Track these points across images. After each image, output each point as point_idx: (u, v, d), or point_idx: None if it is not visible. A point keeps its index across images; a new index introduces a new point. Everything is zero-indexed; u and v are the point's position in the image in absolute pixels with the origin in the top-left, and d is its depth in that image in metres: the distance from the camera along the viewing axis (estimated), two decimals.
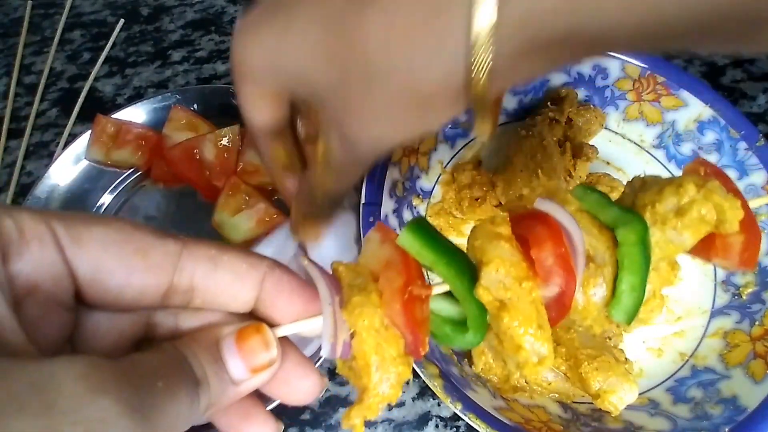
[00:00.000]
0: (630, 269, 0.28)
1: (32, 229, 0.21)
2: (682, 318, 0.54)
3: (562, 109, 0.58)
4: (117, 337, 0.25)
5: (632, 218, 0.29)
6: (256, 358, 0.24)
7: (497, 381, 0.49)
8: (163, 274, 0.24)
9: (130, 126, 0.62)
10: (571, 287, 0.28)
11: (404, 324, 0.25)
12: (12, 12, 0.79)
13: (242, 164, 0.60)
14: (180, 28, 0.77)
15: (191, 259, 0.24)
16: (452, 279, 0.27)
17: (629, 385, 0.44)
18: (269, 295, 0.25)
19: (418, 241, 0.27)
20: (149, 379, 0.20)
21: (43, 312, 0.22)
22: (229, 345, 0.24)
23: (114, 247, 0.23)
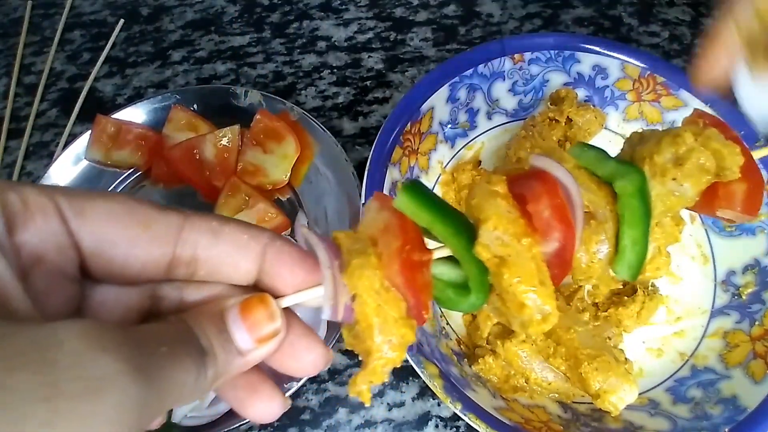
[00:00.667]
0: (630, 222, 0.28)
1: (36, 202, 0.22)
2: (682, 318, 0.54)
3: (562, 109, 0.58)
4: (124, 310, 0.25)
5: (629, 169, 0.29)
6: (261, 328, 0.24)
7: (497, 381, 0.49)
8: (166, 245, 0.24)
9: (130, 126, 0.62)
10: (571, 241, 0.28)
11: (404, 284, 0.25)
12: (12, 12, 0.79)
13: (242, 164, 0.60)
14: (180, 28, 0.77)
15: (193, 231, 0.24)
16: (450, 238, 0.27)
17: (629, 385, 0.44)
18: (271, 266, 0.26)
19: (414, 201, 0.26)
20: (153, 343, 0.20)
21: (49, 283, 0.22)
22: (233, 316, 0.24)
23: (117, 219, 0.23)
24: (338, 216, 0.57)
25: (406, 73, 0.72)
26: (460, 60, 0.58)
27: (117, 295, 0.25)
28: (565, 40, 0.59)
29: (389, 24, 0.77)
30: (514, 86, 0.61)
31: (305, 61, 0.73)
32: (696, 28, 0.77)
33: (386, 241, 0.26)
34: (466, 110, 0.60)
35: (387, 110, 0.69)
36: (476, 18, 0.78)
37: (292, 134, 0.60)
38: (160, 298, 0.26)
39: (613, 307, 0.52)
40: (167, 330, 0.22)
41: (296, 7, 0.79)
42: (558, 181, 0.28)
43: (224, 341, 0.23)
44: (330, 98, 0.70)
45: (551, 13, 0.78)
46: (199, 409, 0.46)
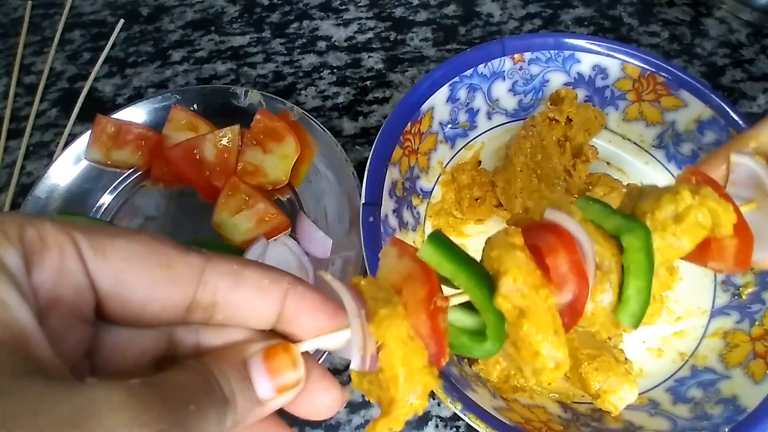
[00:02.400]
0: (636, 274, 0.30)
1: (54, 238, 0.21)
2: (682, 318, 0.54)
3: (562, 109, 0.58)
4: (138, 354, 0.24)
5: (636, 225, 0.30)
6: (283, 377, 0.24)
7: (497, 381, 0.49)
8: (186, 288, 0.23)
9: (130, 126, 0.62)
10: (584, 293, 0.29)
11: (429, 334, 0.26)
12: (12, 12, 0.79)
13: (242, 164, 0.60)
14: (180, 28, 0.77)
15: (214, 274, 0.23)
16: (472, 289, 0.28)
17: (629, 385, 0.44)
18: (292, 311, 0.25)
19: (438, 253, 0.28)
20: (182, 403, 0.20)
21: (64, 325, 0.21)
22: (256, 363, 0.23)
23: (137, 260, 0.22)
24: (338, 216, 0.57)
25: (406, 73, 0.72)
26: (460, 60, 0.58)
27: (131, 338, 0.24)
28: (565, 40, 0.59)
29: (389, 24, 0.77)
30: (514, 86, 0.61)
31: (305, 61, 0.73)
32: (696, 28, 0.77)
33: (411, 289, 0.27)
34: (466, 110, 0.60)
35: (387, 110, 0.69)
36: (476, 18, 0.78)
37: (292, 134, 0.60)
38: (176, 342, 0.25)
39: None
40: (191, 380, 0.21)
41: (296, 7, 0.79)
42: (572, 234, 0.30)
43: (245, 389, 0.23)
44: (330, 98, 0.70)
45: (551, 13, 0.78)
46: None
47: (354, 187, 0.56)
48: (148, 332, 0.24)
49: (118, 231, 0.22)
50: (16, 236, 0.20)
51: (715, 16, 0.78)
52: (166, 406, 0.19)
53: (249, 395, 0.23)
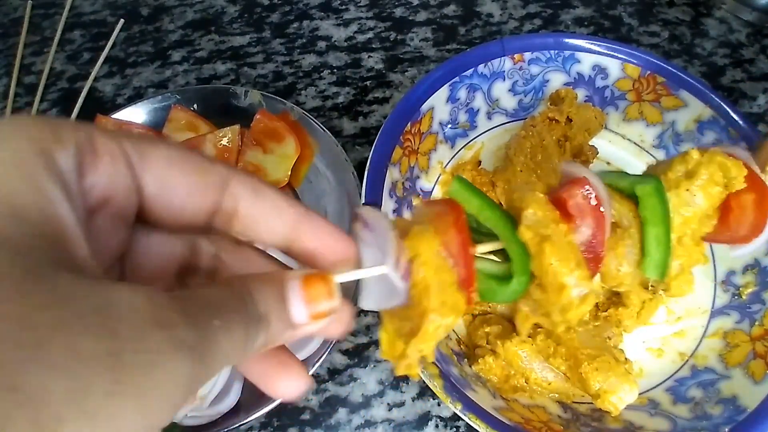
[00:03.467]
0: (652, 221, 0.31)
1: (104, 144, 0.22)
2: (682, 318, 0.54)
3: (562, 109, 0.58)
4: (166, 259, 0.26)
5: (647, 176, 0.32)
6: (319, 304, 0.24)
7: (497, 381, 0.49)
8: (216, 193, 0.24)
9: (130, 126, 0.62)
10: (601, 232, 0.30)
11: (458, 252, 0.27)
12: (12, 12, 0.79)
13: (242, 164, 0.60)
14: (180, 28, 0.77)
15: (238, 185, 0.25)
16: (497, 221, 0.30)
17: (629, 385, 0.44)
18: (305, 235, 0.26)
19: (466, 190, 0.31)
20: (206, 317, 0.20)
21: (109, 226, 0.23)
22: (295, 288, 0.24)
23: (177, 165, 0.23)
24: (338, 216, 0.57)
25: (406, 73, 0.72)
26: (460, 60, 0.58)
27: (162, 243, 0.25)
28: (565, 40, 0.59)
29: (389, 24, 0.77)
30: (514, 86, 0.61)
31: (305, 61, 0.73)
32: (696, 28, 0.77)
33: (441, 219, 0.28)
34: (466, 110, 0.60)
35: (387, 110, 0.69)
36: (476, 18, 0.78)
37: (292, 134, 0.60)
38: (198, 251, 0.27)
39: (613, 307, 0.52)
40: (220, 296, 0.22)
41: (296, 7, 0.79)
42: (587, 179, 0.32)
43: (281, 311, 0.23)
44: (330, 98, 0.70)
45: (551, 13, 0.78)
46: (199, 409, 0.46)
47: (354, 187, 0.56)
48: (177, 239, 0.26)
49: (157, 139, 0.24)
50: (71, 141, 0.21)
51: (715, 16, 0.78)
52: (187, 317, 0.19)
53: (284, 317, 0.23)
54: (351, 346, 0.54)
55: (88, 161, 0.21)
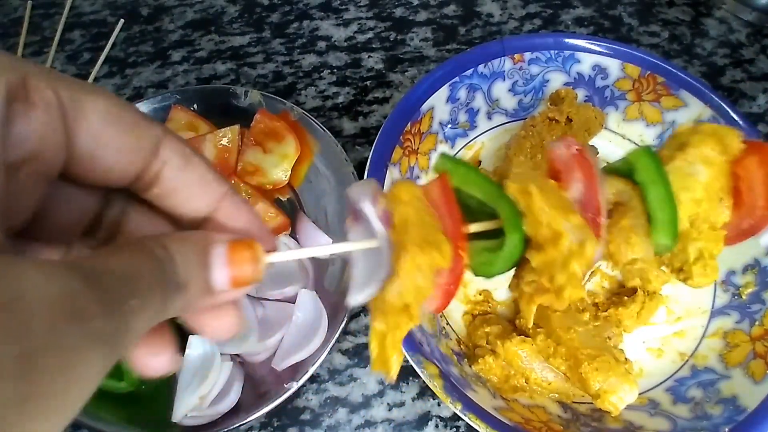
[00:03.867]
0: (651, 180, 0.30)
1: (38, 91, 0.20)
2: (682, 318, 0.54)
3: (562, 109, 0.58)
4: (78, 214, 0.24)
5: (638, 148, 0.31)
6: (242, 271, 0.23)
7: (497, 381, 0.49)
8: (148, 156, 0.23)
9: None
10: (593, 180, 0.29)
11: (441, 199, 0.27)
12: (12, 12, 0.79)
13: (242, 164, 0.60)
14: (180, 28, 0.77)
15: (169, 149, 0.23)
16: (483, 184, 0.29)
17: (629, 385, 0.44)
18: (226, 215, 0.25)
19: (451, 161, 0.30)
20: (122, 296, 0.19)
21: (30, 185, 0.21)
22: (219, 253, 0.23)
23: (113, 122, 0.22)
24: (338, 216, 0.57)
25: (406, 73, 0.72)
26: (460, 60, 0.58)
27: (79, 198, 0.24)
28: (565, 40, 0.59)
29: (389, 24, 0.77)
30: (514, 86, 0.61)
31: (305, 61, 0.73)
32: (696, 28, 0.77)
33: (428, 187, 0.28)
34: (466, 110, 0.60)
35: (387, 110, 0.69)
36: (476, 18, 0.78)
37: (292, 134, 0.60)
38: (108, 207, 0.25)
39: (613, 307, 0.52)
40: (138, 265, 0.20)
41: (296, 7, 0.79)
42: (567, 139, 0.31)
43: (201, 276, 0.22)
44: (330, 98, 0.70)
45: (551, 13, 0.78)
46: (199, 409, 0.46)
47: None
48: (92, 193, 0.24)
49: (96, 89, 0.22)
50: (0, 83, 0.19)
51: (715, 16, 0.78)
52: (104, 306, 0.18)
53: (203, 283, 0.22)
54: (351, 346, 0.54)
55: (18, 110, 0.19)
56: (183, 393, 0.46)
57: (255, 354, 0.50)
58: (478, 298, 0.54)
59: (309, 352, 0.49)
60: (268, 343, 0.50)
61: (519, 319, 0.52)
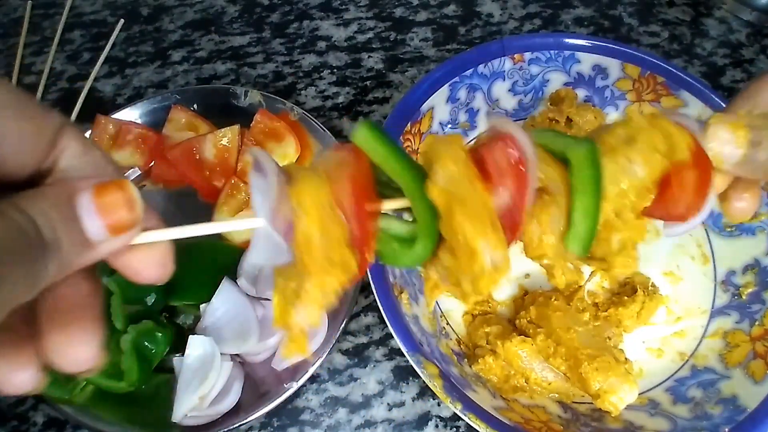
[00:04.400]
0: (582, 191, 0.27)
1: None
2: (682, 318, 0.54)
3: (562, 109, 0.58)
4: None
5: (582, 140, 0.29)
6: (117, 215, 0.21)
7: (497, 381, 0.49)
8: (47, 143, 0.22)
9: (130, 126, 0.62)
10: (522, 196, 0.27)
11: (351, 204, 0.24)
12: (12, 12, 0.79)
13: (242, 164, 0.60)
14: (180, 28, 0.77)
15: (69, 138, 0.23)
16: (403, 174, 0.26)
17: (629, 385, 0.44)
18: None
19: (372, 136, 0.26)
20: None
21: None
22: (86, 200, 0.21)
23: (12, 110, 0.21)
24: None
25: (406, 73, 0.72)
26: (460, 60, 0.58)
27: None
28: (565, 40, 0.59)
29: (389, 24, 0.77)
30: (514, 86, 0.61)
31: (305, 61, 0.73)
32: (696, 28, 0.77)
33: (339, 168, 0.25)
34: (466, 110, 0.60)
35: (387, 110, 0.69)
36: (476, 18, 0.78)
37: (292, 134, 0.60)
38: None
39: (613, 307, 0.52)
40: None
41: (296, 7, 0.79)
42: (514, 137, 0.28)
43: (72, 230, 0.20)
44: (330, 98, 0.70)
45: (551, 13, 0.78)
46: (199, 409, 0.46)
47: None
48: None
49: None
50: None
51: (715, 16, 0.78)
52: None
53: (76, 236, 0.21)
54: (351, 346, 0.54)
55: None
56: (183, 393, 0.46)
57: (255, 354, 0.50)
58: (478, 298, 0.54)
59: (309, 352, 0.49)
60: (268, 343, 0.50)
61: (519, 319, 0.52)
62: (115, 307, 0.48)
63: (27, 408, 0.52)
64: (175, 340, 0.50)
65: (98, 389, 0.48)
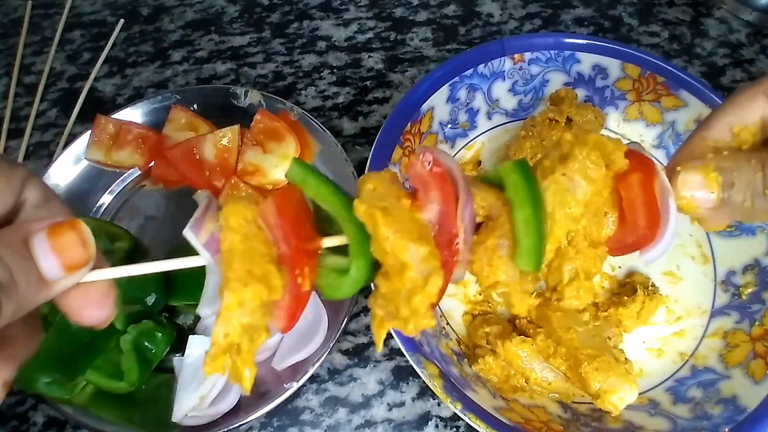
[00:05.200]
0: (519, 202, 0.27)
1: None
2: (682, 318, 0.54)
3: (562, 109, 0.58)
4: None
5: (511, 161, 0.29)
6: (71, 254, 0.23)
7: (497, 381, 0.49)
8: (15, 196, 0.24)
9: (130, 126, 0.62)
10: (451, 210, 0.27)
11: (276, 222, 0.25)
12: (12, 12, 0.79)
13: (242, 164, 0.60)
14: (180, 28, 0.77)
15: (30, 188, 0.25)
16: (332, 198, 0.27)
17: (629, 385, 0.44)
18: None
19: (303, 170, 0.27)
20: None
21: None
22: (40, 241, 0.22)
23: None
24: None
25: (406, 73, 0.72)
26: (460, 60, 0.58)
27: None
28: (565, 40, 0.59)
29: (389, 24, 0.77)
30: (514, 86, 0.61)
31: (305, 61, 0.73)
32: (696, 28, 0.77)
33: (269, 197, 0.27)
34: (466, 110, 0.60)
35: (387, 110, 0.69)
36: (476, 18, 0.78)
37: (292, 134, 0.60)
38: None
39: (613, 307, 0.52)
40: None
41: (296, 7, 0.79)
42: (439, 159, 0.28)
43: (28, 270, 0.22)
44: (330, 98, 0.70)
45: (551, 13, 0.78)
46: (199, 409, 0.46)
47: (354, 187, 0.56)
48: None
49: None
50: None
51: (715, 16, 0.78)
52: None
53: (32, 276, 0.22)
54: (351, 346, 0.54)
55: None
56: (183, 393, 0.46)
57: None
58: (478, 298, 0.54)
59: (309, 352, 0.49)
60: (268, 343, 0.50)
61: (519, 319, 0.52)
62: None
63: (27, 408, 0.52)
64: (175, 340, 0.50)
65: (98, 389, 0.48)
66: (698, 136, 0.32)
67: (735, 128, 0.31)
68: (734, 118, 0.31)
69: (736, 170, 0.29)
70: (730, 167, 0.29)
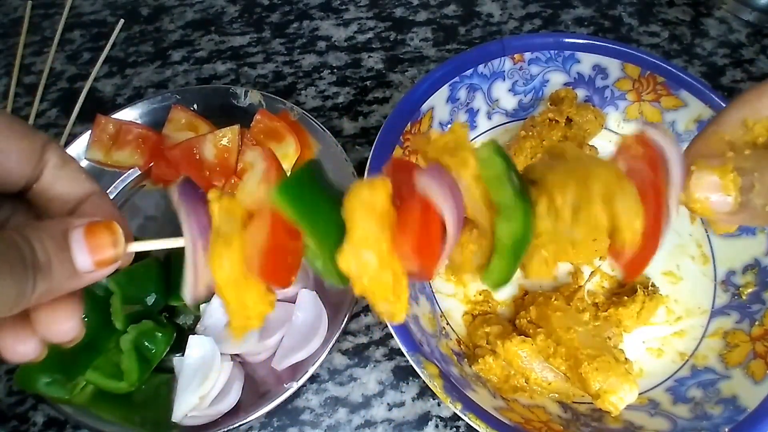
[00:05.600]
0: (501, 254, 0.28)
1: None
2: (682, 318, 0.54)
3: (562, 109, 0.58)
4: None
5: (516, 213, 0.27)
6: (103, 252, 0.25)
7: (497, 381, 0.49)
8: (37, 157, 0.26)
9: (130, 126, 0.62)
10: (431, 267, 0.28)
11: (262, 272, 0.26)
12: (12, 12, 0.79)
13: (242, 164, 0.60)
14: (180, 28, 0.77)
15: (50, 151, 0.27)
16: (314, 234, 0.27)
17: (629, 385, 0.44)
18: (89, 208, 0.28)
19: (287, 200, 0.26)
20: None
21: None
22: (77, 236, 0.25)
23: (10, 132, 0.26)
24: None
25: (406, 73, 0.72)
26: (460, 60, 0.58)
27: None
28: (565, 40, 0.59)
29: (389, 24, 0.77)
30: (514, 86, 0.61)
31: (305, 61, 0.73)
32: (696, 28, 0.77)
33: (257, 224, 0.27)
34: (466, 110, 0.60)
35: (387, 110, 0.69)
36: (476, 18, 0.78)
37: (292, 134, 0.60)
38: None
39: (613, 307, 0.52)
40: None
41: (296, 7, 0.79)
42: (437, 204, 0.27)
43: (63, 259, 0.24)
44: (330, 98, 0.70)
45: (551, 13, 0.78)
46: (199, 409, 0.46)
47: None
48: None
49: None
50: None
51: (715, 16, 0.78)
52: None
53: (66, 265, 0.24)
54: (351, 346, 0.54)
55: None
56: (183, 393, 0.46)
57: (255, 354, 0.50)
58: (478, 298, 0.54)
59: (309, 352, 0.49)
60: (268, 343, 0.50)
61: (519, 318, 0.52)
62: (115, 307, 0.48)
63: (27, 408, 0.52)
64: (175, 340, 0.50)
65: (98, 389, 0.48)
66: (710, 130, 0.30)
67: (749, 121, 0.29)
68: (748, 112, 0.29)
69: (758, 171, 0.26)
70: (751, 167, 0.26)
